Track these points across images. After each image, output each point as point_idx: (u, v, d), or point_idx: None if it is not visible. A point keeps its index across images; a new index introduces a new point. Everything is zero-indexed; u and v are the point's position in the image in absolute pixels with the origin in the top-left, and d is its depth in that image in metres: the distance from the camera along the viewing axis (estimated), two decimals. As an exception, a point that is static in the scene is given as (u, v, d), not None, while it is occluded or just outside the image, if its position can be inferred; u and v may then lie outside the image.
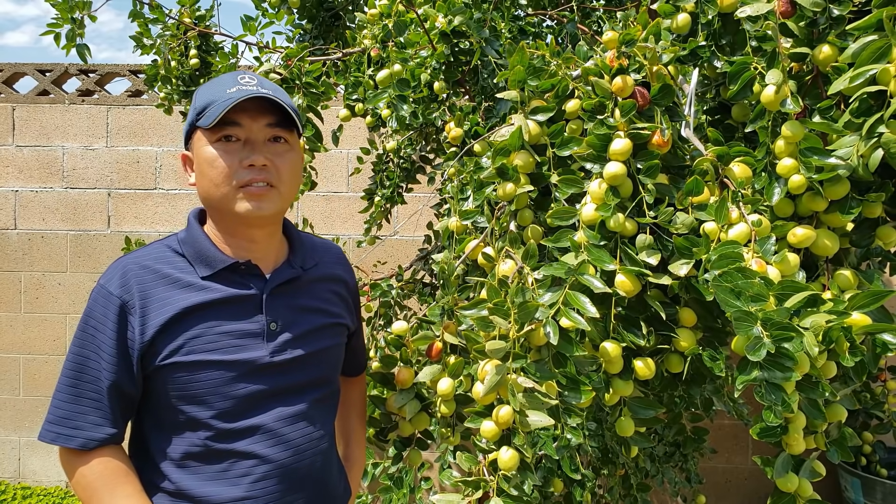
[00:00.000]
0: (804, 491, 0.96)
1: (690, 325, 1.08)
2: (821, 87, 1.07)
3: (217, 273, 1.11)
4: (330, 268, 1.28)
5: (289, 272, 1.18)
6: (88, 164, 3.62)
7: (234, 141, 1.08)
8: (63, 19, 2.01)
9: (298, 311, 1.17)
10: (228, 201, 1.08)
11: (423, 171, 2.35)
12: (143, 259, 1.11)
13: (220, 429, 1.08)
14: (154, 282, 1.08)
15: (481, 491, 1.02)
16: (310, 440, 1.16)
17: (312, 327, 1.18)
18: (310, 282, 1.22)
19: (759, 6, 1.05)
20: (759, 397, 0.83)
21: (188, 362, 1.06)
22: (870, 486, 2.75)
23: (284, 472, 1.12)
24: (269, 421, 1.11)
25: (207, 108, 1.08)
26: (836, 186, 1.00)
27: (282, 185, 1.11)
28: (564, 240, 1.08)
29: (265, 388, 1.11)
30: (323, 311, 1.21)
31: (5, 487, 3.61)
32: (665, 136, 1.06)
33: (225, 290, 1.10)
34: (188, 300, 1.08)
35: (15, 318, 3.64)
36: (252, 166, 1.07)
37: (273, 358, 1.12)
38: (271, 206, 1.10)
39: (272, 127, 1.10)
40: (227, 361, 1.08)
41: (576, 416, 0.99)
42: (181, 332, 1.07)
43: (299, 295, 1.19)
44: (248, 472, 1.09)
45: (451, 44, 1.56)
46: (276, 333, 1.13)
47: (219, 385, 1.08)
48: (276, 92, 1.11)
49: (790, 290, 0.86)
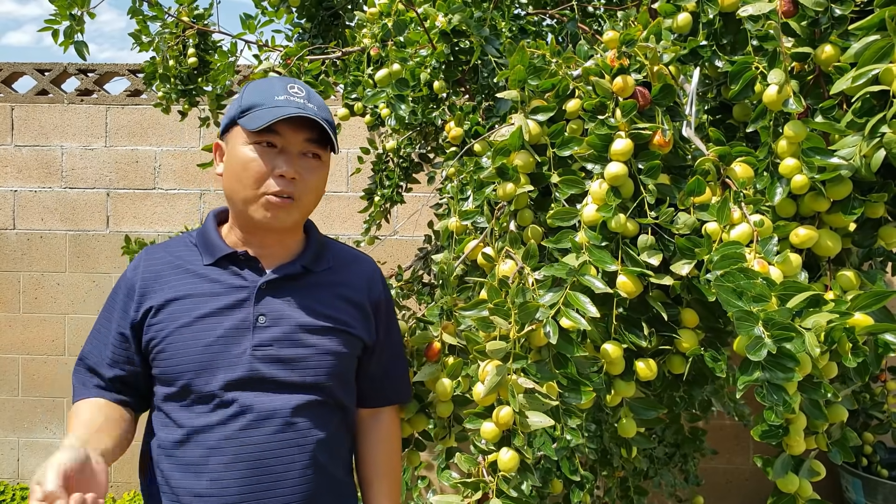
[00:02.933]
0: (804, 491, 0.96)
1: (692, 325, 1.07)
2: (823, 86, 1.07)
3: (218, 261, 1.14)
4: (348, 276, 1.22)
5: (289, 269, 1.16)
6: (87, 164, 3.61)
7: (270, 146, 1.10)
8: (61, 16, 2.00)
9: (293, 308, 1.14)
10: (249, 205, 1.11)
11: (422, 169, 2.34)
12: (161, 248, 1.19)
13: (193, 421, 1.08)
14: (162, 266, 1.16)
15: (481, 492, 1.02)
16: (284, 448, 1.09)
17: (306, 326, 1.14)
18: (317, 283, 1.18)
19: (760, 5, 1.04)
20: (761, 398, 0.83)
21: (170, 348, 1.09)
22: (871, 486, 2.75)
23: (248, 475, 1.07)
24: (240, 418, 1.08)
25: (253, 109, 1.10)
26: (839, 186, 1.00)
27: (305, 197, 1.12)
28: (565, 240, 1.07)
29: (243, 382, 1.09)
30: (324, 315, 1.16)
31: (4, 488, 3.60)
32: (666, 137, 1.05)
33: (219, 280, 1.13)
34: (182, 288, 1.12)
35: (14, 319, 3.63)
36: (282, 177, 1.09)
37: (255, 352, 1.10)
38: (289, 219, 1.12)
39: (310, 143, 1.12)
40: (208, 351, 1.08)
41: (576, 417, 0.99)
42: (169, 317, 1.11)
43: (298, 294, 1.16)
44: (214, 468, 1.07)
45: (450, 43, 1.55)
46: (264, 328, 1.11)
47: (197, 374, 1.08)
48: (320, 109, 1.13)
49: (792, 291, 0.85)
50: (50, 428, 3.65)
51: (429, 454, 3.20)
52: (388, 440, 1.28)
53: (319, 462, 1.13)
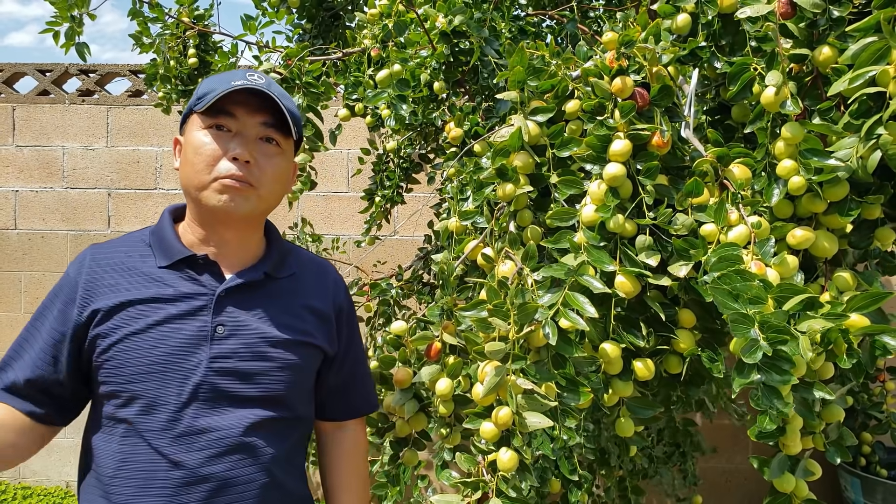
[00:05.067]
0: (800, 491, 0.96)
1: (689, 326, 1.08)
2: (820, 88, 1.07)
3: (174, 264, 1.06)
4: (312, 284, 1.17)
5: (250, 275, 1.09)
6: (88, 164, 3.62)
7: (225, 131, 1.04)
8: (62, 17, 2.01)
9: (254, 318, 1.07)
10: (204, 190, 1.03)
11: (422, 170, 2.35)
12: (109, 246, 1.09)
13: (142, 435, 1.00)
14: (108, 269, 1.06)
15: (480, 492, 1.03)
16: (242, 468, 1.03)
17: (268, 338, 1.07)
18: (279, 291, 1.12)
19: (759, 7, 1.05)
20: (755, 403, 0.83)
21: (119, 356, 1.01)
22: (870, 486, 2.75)
23: (206, 495, 1.01)
24: (194, 435, 1.01)
25: (208, 94, 1.04)
26: (836, 188, 1.00)
27: (262, 187, 1.05)
28: (564, 241, 1.07)
29: (197, 396, 1.01)
30: (286, 325, 1.09)
31: (6, 487, 3.61)
32: (665, 137, 1.06)
33: (175, 285, 1.05)
34: (134, 292, 1.03)
35: (15, 319, 3.63)
36: (236, 160, 1.03)
37: (212, 364, 1.02)
38: (245, 206, 1.04)
39: (266, 126, 1.06)
40: (160, 362, 1.01)
41: (572, 417, 0.99)
42: (119, 323, 1.02)
43: (260, 302, 1.09)
44: (166, 487, 0.99)
45: (451, 44, 1.56)
46: (223, 338, 1.04)
47: (147, 387, 1.00)
48: (281, 97, 1.06)
49: (788, 293, 0.86)
50: (51, 427, 3.66)
51: (429, 454, 3.21)
52: (353, 453, 1.24)
53: (277, 479, 1.07)
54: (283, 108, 1.05)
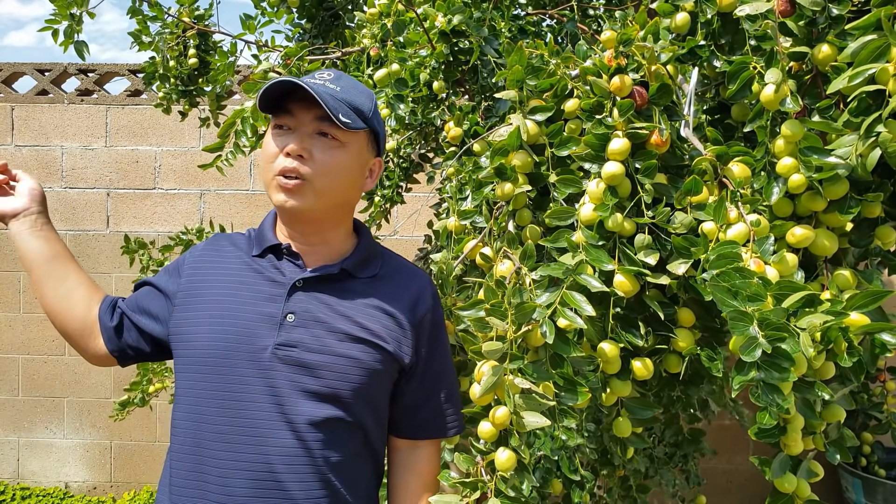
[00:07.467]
0: (802, 491, 0.96)
1: (689, 325, 1.07)
2: (820, 86, 1.07)
3: (263, 252, 1.13)
4: (394, 289, 1.14)
5: (327, 269, 1.10)
6: (87, 164, 3.61)
7: (285, 129, 1.06)
8: (61, 15, 2.00)
9: (325, 312, 1.07)
10: (270, 188, 1.08)
11: (422, 170, 2.35)
12: (227, 236, 1.21)
13: (204, 411, 1.05)
14: (219, 251, 1.17)
15: (479, 492, 1.02)
16: (295, 464, 1.03)
17: (336, 333, 1.06)
18: (355, 289, 1.11)
19: (758, 5, 1.04)
20: (755, 398, 0.83)
21: (194, 327, 1.09)
22: (870, 486, 2.75)
23: (257, 481, 1.02)
24: (253, 418, 1.03)
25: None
26: (836, 186, 1.00)
27: (317, 179, 1.04)
28: (562, 240, 1.07)
29: (261, 380, 1.04)
30: (357, 323, 1.08)
31: (4, 488, 3.60)
32: (663, 136, 1.06)
33: (260, 272, 1.11)
34: (225, 273, 1.12)
35: (14, 319, 3.63)
36: (289, 155, 1.04)
37: (277, 351, 1.04)
38: (301, 201, 1.05)
39: (321, 121, 1.05)
40: (231, 339, 1.05)
41: (571, 417, 0.99)
42: (203, 296, 1.11)
43: (334, 298, 1.09)
44: (223, 461, 1.03)
45: (450, 43, 1.55)
46: (291, 327, 1.05)
47: (216, 360, 1.05)
48: (343, 90, 1.06)
49: (787, 291, 0.85)
50: (50, 428, 3.65)
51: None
52: (422, 475, 1.16)
53: (334, 485, 1.05)
54: (322, 103, 1.01)
